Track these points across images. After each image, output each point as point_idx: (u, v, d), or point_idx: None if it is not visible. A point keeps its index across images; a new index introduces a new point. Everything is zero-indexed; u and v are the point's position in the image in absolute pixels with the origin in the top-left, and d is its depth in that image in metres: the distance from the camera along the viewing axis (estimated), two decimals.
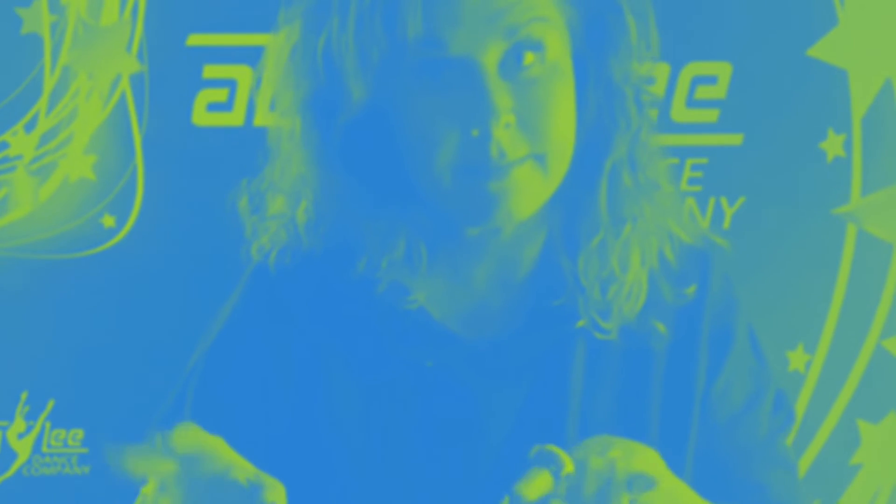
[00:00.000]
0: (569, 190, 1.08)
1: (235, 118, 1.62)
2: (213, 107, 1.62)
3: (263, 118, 1.61)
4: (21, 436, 1.64)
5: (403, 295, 1.10)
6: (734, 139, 1.66)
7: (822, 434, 1.67)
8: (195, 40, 1.61)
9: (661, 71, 1.62)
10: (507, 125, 1.01)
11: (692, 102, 1.65)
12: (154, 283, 1.62)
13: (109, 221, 1.62)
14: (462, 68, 1.01)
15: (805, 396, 1.67)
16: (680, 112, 1.65)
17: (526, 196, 1.04)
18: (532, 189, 1.04)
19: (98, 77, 1.60)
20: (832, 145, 1.65)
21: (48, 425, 1.64)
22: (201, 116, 1.62)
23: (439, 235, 1.11)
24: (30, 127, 1.61)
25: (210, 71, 1.62)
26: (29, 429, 1.64)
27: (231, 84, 1.62)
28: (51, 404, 1.64)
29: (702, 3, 1.63)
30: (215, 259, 1.42)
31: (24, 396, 1.63)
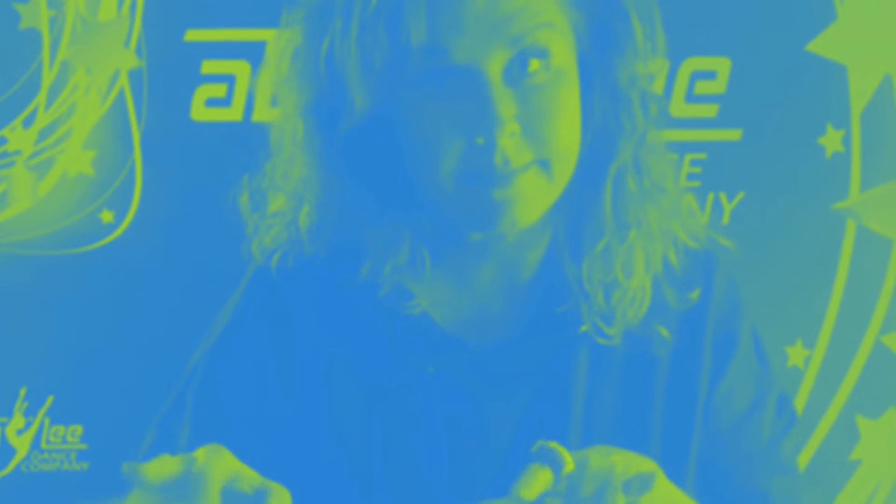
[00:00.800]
0: (573, 195, 1.08)
1: (234, 113, 1.62)
2: (212, 102, 1.62)
3: (262, 114, 1.61)
4: (20, 432, 1.63)
5: (406, 300, 1.10)
6: (733, 134, 1.66)
7: (822, 430, 1.67)
8: (193, 36, 1.60)
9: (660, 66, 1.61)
10: (512, 134, 1.00)
11: (691, 98, 1.65)
12: (153, 279, 1.62)
13: (108, 217, 1.62)
14: (466, 76, 1.00)
15: (804, 392, 1.67)
16: (679, 107, 1.64)
17: (530, 202, 1.03)
18: (537, 195, 1.04)
19: (96, 72, 1.60)
20: (831, 141, 1.65)
21: (47, 421, 1.64)
22: (200, 112, 1.62)
23: (442, 240, 1.10)
24: (28, 122, 1.60)
25: (208, 66, 1.61)
26: (28, 425, 1.63)
27: (230, 79, 1.61)
28: (50, 400, 1.63)
29: None
30: (214, 254, 1.42)
31: (23, 392, 1.63)
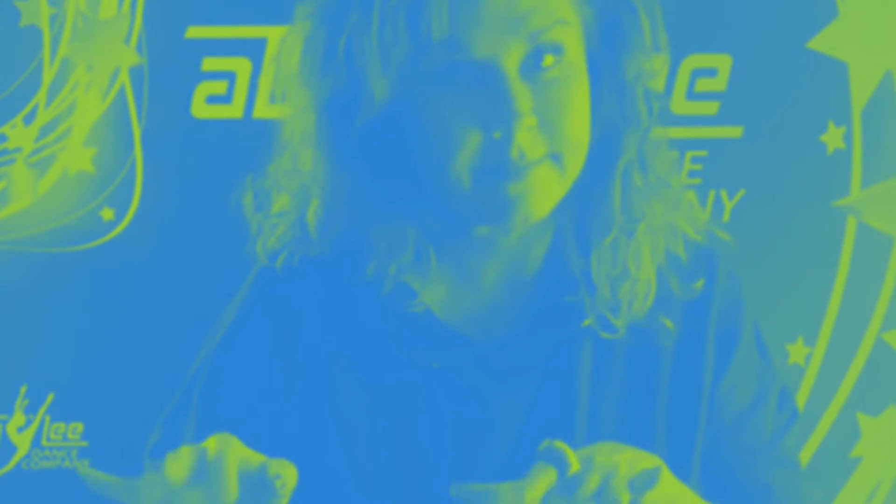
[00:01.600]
0: (578, 189, 1.08)
1: (235, 111, 1.62)
2: (213, 99, 1.62)
3: (263, 111, 1.61)
4: (21, 429, 1.63)
5: (410, 297, 1.10)
6: (734, 132, 1.66)
7: (822, 427, 1.67)
8: (194, 32, 1.60)
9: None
10: (529, 127, 1.01)
11: (692, 95, 1.65)
12: (153, 276, 1.62)
13: (108, 214, 1.62)
14: (485, 70, 1.01)
15: (805, 389, 1.67)
16: (680, 104, 1.64)
17: (543, 196, 1.04)
18: (549, 189, 1.05)
19: (97, 69, 1.60)
20: (832, 138, 1.65)
21: (48, 419, 1.63)
22: (200, 109, 1.62)
23: (447, 235, 1.10)
24: (29, 119, 1.60)
25: (209, 63, 1.61)
26: (28, 422, 1.63)
27: (230, 76, 1.61)
28: (50, 398, 1.63)
29: None
30: (214, 251, 1.42)
31: (24, 390, 1.63)
